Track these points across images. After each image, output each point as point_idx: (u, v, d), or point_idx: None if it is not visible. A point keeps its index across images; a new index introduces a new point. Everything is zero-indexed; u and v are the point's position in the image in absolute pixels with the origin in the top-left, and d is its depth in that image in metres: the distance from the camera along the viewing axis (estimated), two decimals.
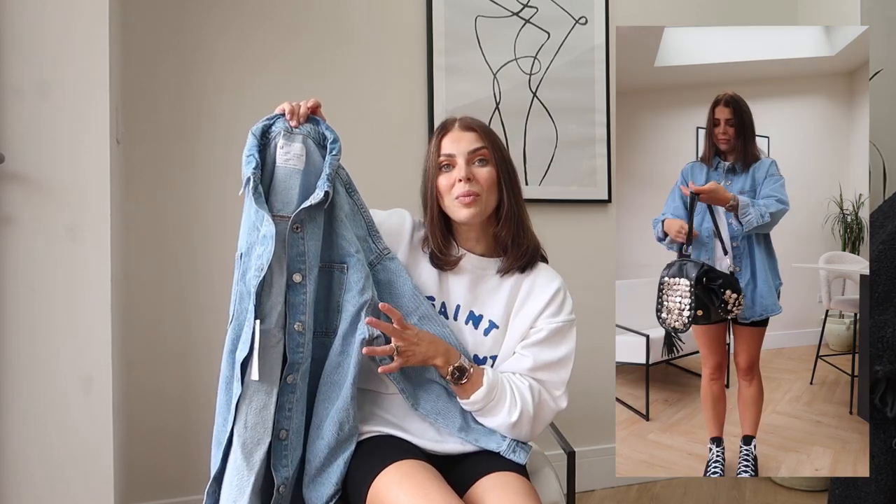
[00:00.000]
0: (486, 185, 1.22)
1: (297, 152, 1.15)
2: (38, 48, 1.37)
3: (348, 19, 2.15)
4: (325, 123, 1.19)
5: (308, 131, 1.17)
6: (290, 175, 1.15)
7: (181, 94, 1.99)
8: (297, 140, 1.15)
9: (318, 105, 1.22)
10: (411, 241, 1.28)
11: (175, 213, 1.98)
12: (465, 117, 1.28)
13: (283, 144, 1.15)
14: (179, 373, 1.99)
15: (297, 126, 1.16)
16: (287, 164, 1.15)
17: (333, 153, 1.16)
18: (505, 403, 1.17)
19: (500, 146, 1.27)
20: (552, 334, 1.22)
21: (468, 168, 1.21)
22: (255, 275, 1.09)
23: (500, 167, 1.24)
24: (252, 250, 1.13)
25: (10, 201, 1.36)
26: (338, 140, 1.17)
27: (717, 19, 2.61)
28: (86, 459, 1.39)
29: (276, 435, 1.09)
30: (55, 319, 1.38)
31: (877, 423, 1.53)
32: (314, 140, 1.17)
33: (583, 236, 2.37)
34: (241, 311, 1.11)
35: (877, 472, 1.52)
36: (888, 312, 1.51)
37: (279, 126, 1.16)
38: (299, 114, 1.17)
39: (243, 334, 1.09)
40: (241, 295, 1.12)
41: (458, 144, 1.23)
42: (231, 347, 1.12)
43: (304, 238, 1.13)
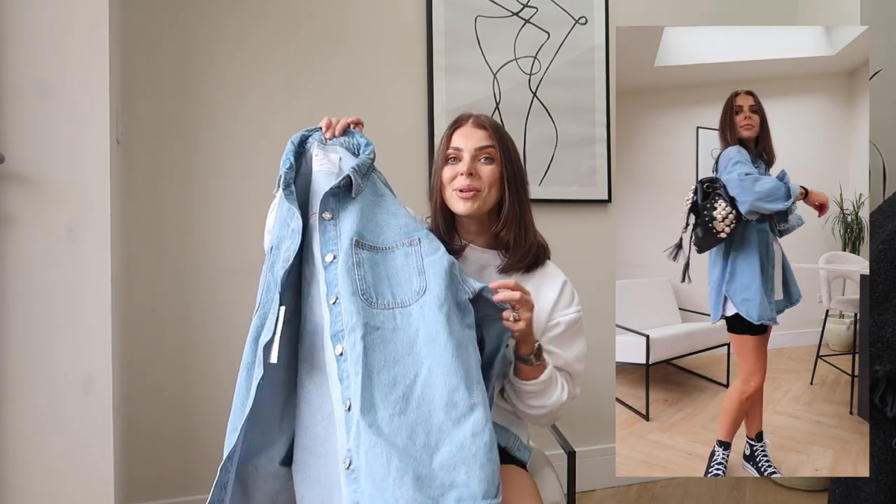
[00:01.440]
0: (487, 182, 1.25)
1: (332, 159, 1.22)
2: (37, 48, 1.37)
3: (348, 19, 2.15)
4: (360, 134, 1.25)
5: (342, 142, 1.24)
6: (325, 177, 1.20)
7: (181, 93, 1.99)
8: (332, 150, 1.23)
9: (358, 122, 1.27)
10: None
11: (175, 213, 1.99)
12: (481, 115, 1.31)
13: (317, 153, 1.22)
14: (179, 373, 1.99)
15: (331, 138, 1.23)
16: (322, 168, 1.21)
17: (367, 153, 1.22)
18: (558, 384, 1.22)
19: (510, 148, 1.29)
20: (568, 327, 1.26)
21: (472, 163, 1.25)
22: (282, 266, 1.13)
23: (506, 167, 1.26)
24: (281, 244, 1.17)
25: (10, 201, 1.36)
26: (371, 145, 1.23)
27: (716, 19, 2.61)
28: (86, 459, 1.39)
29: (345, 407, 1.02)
30: (55, 319, 1.38)
31: (877, 423, 1.53)
32: (348, 149, 1.23)
33: (583, 236, 2.38)
34: (266, 301, 1.15)
35: (877, 472, 1.52)
36: (888, 312, 1.51)
37: (315, 137, 1.24)
38: (335, 127, 1.24)
39: (268, 321, 1.12)
40: (269, 285, 1.16)
41: (467, 140, 1.26)
42: (255, 335, 1.15)
43: (336, 224, 1.16)
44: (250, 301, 1.99)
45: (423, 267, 1.14)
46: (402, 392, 1.01)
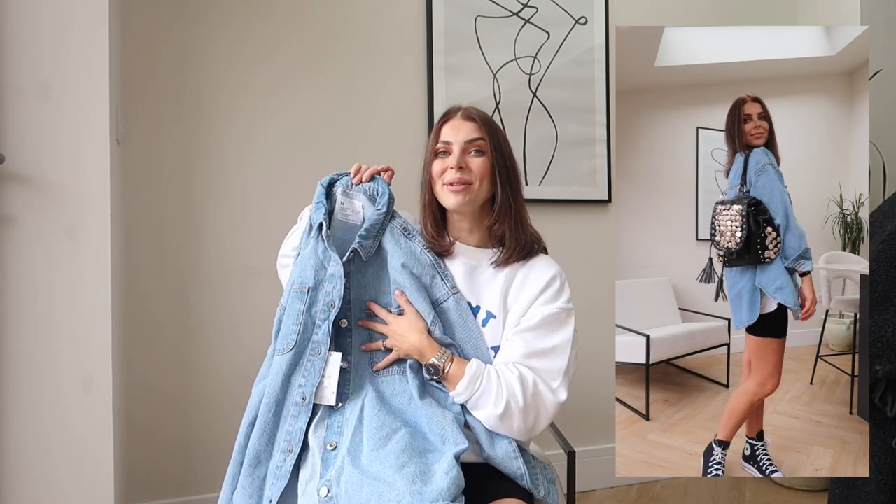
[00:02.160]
0: (478, 175, 1.23)
1: (355, 208, 1.28)
2: (38, 48, 1.37)
3: (348, 20, 2.15)
4: (382, 181, 1.29)
5: (366, 189, 1.28)
6: (349, 230, 1.27)
7: (181, 94, 1.99)
8: (356, 198, 1.28)
9: (388, 170, 1.30)
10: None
11: (175, 213, 1.99)
12: (469, 107, 1.29)
13: (342, 200, 1.27)
14: (179, 373, 1.99)
15: (357, 184, 1.28)
16: (346, 219, 1.27)
17: (378, 207, 1.26)
18: (491, 394, 1.14)
19: (500, 139, 1.27)
20: (546, 321, 1.20)
21: (462, 156, 1.23)
22: (324, 309, 1.20)
23: (497, 160, 1.24)
24: (320, 286, 1.21)
25: (10, 202, 1.36)
26: (386, 194, 1.27)
27: (717, 19, 2.61)
28: (86, 459, 1.39)
29: (325, 447, 1.14)
30: (55, 319, 1.38)
31: (877, 423, 1.53)
32: (370, 197, 1.28)
33: (583, 236, 2.38)
34: (303, 340, 1.20)
35: (877, 472, 1.52)
36: (888, 312, 1.51)
37: (343, 182, 1.29)
38: (362, 173, 1.27)
39: (307, 362, 1.19)
40: (307, 325, 1.20)
41: (456, 133, 1.25)
42: (288, 371, 1.19)
43: (349, 288, 1.23)
44: (250, 301, 2.00)
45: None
46: (386, 434, 1.12)
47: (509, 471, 1.16)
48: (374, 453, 1.08)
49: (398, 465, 1.04)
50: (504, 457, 1.16)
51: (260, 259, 1.97)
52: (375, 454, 1.08)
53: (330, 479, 1.07)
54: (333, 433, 1.15)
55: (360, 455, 1.10)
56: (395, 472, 1.03)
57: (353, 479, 1.04)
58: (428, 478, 1.03)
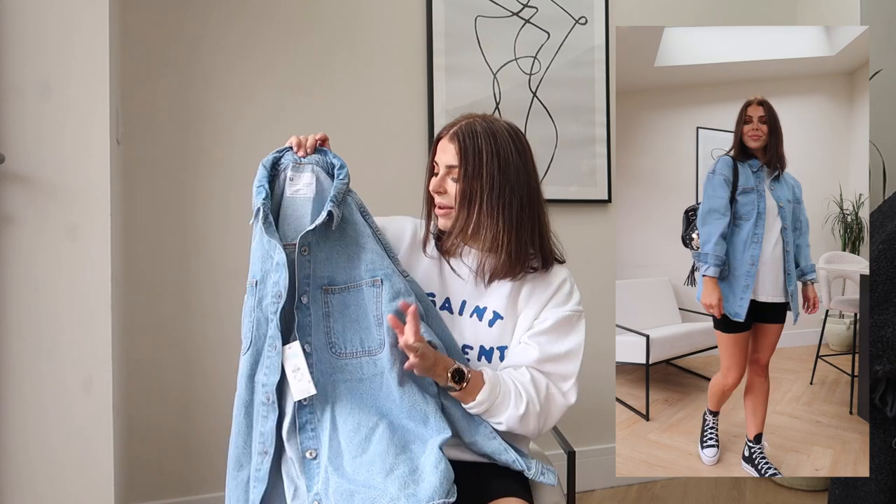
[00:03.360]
0: (456, 200, 1.21)
1: (306, 181, 1.20)
2: (39, 48, 1.37)
3: (348, 20, 2.15)
4: (332, 153, 1.23)
5: (316, 160, 1.21)
6: (302, 204, 1.19)
7: (181, 93, 1.99)
8: (306, 170, 1.20)
9: (326, 138, 1.25)
10: (413, 241, 1.30)
11: (175, 213, 1.99)
12: (460, 127, 1.22)
13: (291, 176, 1.20)
14: (180, 373, 1.99)
15: (304, 156, 1.21)
16: (297, 195, 1.20)
17: (341, 178, 1.20)
18: (510, 398, 1.16)
19: (479, 161, 1.19)
20: (558, 324, 1.21)
21: (441, 181, 1.22)
22: (273, 301, 1.13)
23: (469, 182, 1.19)
24: (267, 278, 1.16)
25: (10, 201, 1.36)
26: (345, 167, 1.21)
27: (716, 19, 2.61)
28: (86, 459, 1.39)
29: (304, 455, 1.12)
30: (56, 319, 1.38)
31: (877, 423, 1.53)
32: (323, 168, 1.21)
33: (583, 236, 2.38)
34: (258, 337, 1.16)
35: (877, 472, 1.52)
36: (888, 312, 1.51)
37: (288, 158, 1.21)
38: (306, 145, 1.21)
39: (265, 359, 1.14)
40: (259, 321, 1.16)
41: (442, 155, 1.23)
42: (249, 372, 1.17)
43: (309, 261, 1.16)
44: None
45: (382, 315, 1.17)
46: (365, 435, 1.10)
47: (490, 450, 1.17)
48: (356, 460, 1.07)
49: (385, 469, 1.04)
50: (484, 440, 1.17)
51: None
52: (359, 461, 1.07)
53: (319, 492, 1.07)
54: (308, 438, 1.12)
55: (341, 463, 1.08)
56: (383, 477, 1.03)
57: (342, 489, 1.03)
58: (418, 476, 1.03)
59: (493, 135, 1.21)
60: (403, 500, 0.98)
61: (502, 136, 1.22)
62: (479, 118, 1.24)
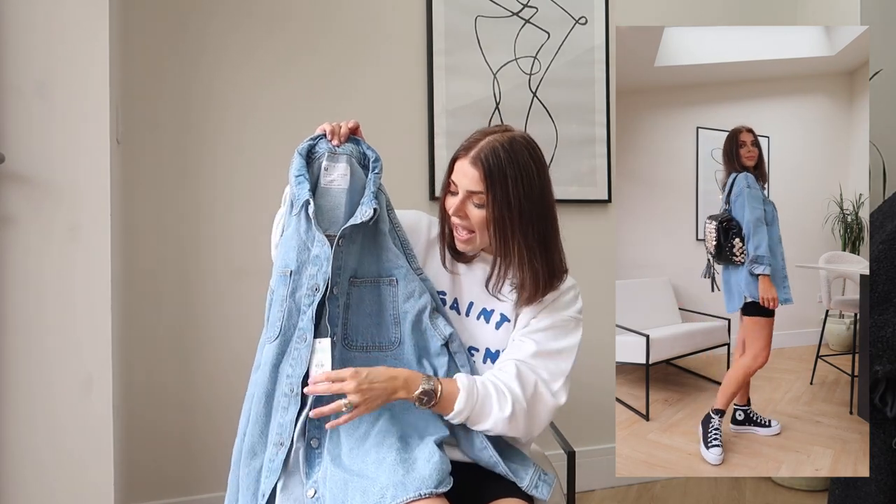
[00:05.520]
0: (477, 226, 1.19)
1: (341, 172, 1.19)
2: (38, 48, 1.37)
3: (348, 20, 2.15)
4: (365, 143, 1.22)
5: (350, 150, 1.20)
6: (336, 195, 1.18)
7: (181, 93, 1.99)
8: (342, 160, 1.19)
9: (358, 126, 1.23)
10: (428, 236, 1.31)
11: (175, 212, 1.99)
12: (482, 150, 1.16)
13: (327, 166, 1.18)
14: (180, 373, 1.99)
15: (338, 145, 1.19)
16: (332, 185, 1.19)
17: (376, 171, 1.19)
18: (492, 401, 1.12)
19: (506, 189, 1.15)
20: (556, 324, 1.21)
21: (462, 205, 1.19)
22: (309, 293, 1.14)
23: (498, 212, 1.16)
24: (303, 269, 1.16)
25: (10, 201, 1.36)
26: (379, 159, 1.21)
27: (717, 19, 2.61)
28: (86, 459, 1.39)
29: (308, 443, 1.12)
30: (55, 319, 1.38)
31: (877, 423, 1.53)
32: (357, 159, 1.21)
33: (583, 236, 2.38)
34: (288, 327, 1.15)
35: (877, 472, 1.52)
36: (888, 312, 1.51)
37: (323, 147, 1.20)
38: (340, 133, 1.20)
39: (293, 350, 1.14)
40: (291, 311, 1.15)
41: (462, 178, 1.18)
42: (275, 361, 1.15)
43: (343, 253, 1.17)
44: (250, 301, 2.00)
45: (399, 315, 1.19)
46: (365, 430, 1.11)
47: (484, 461, 1.17)
48: (353, 451, 1.09)
49: (378, 459, 1.05)
50: (477, 451, 1.17)
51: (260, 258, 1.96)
52: (356, 451, 1.09)
53: (317, 480, 1.09)
54: (315, 427, 1.14)
55: (339, 454, 1.10)
56: (376, 466, 1.04)
57: (337, 478, 1.04)
58: (410, 466, 1.03)
59: (516, 158, 1.16)
60: (392, 490, 0.99)
61: (523, 156, 1.17)
62: (498, 139, 1.17)
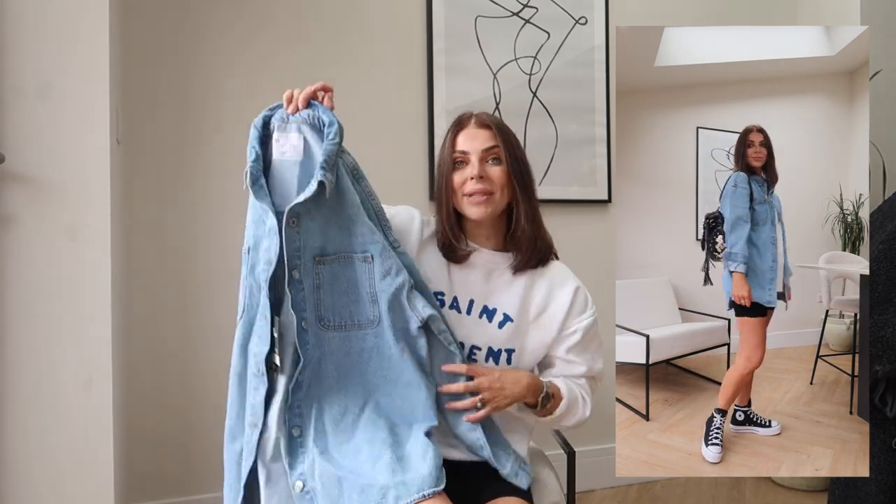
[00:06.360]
0: (498, 184, 1.22)
1: (293, 142, 1.09)
2: (38, 48, 1.37)
3: (348, 20, 2.15)
4: (322, 107, 1.11)
5: (305, 117, 1.09)
6: (288, 168, 1.09)
7: (181, 94, 1.99)
8: (292, 129, 1.09)
9: (327, 89, 1.14)
10: (420, 237, 1.27)
11: (175, 212, 1.99)
12: (482, 113, 1.26)
13: (277, 137, 1.09)
14: (179, 373, 1.99)
15: (293, 113, 1.10)
16: (284, 157, 1.09)
17: (330, 138, 1.08)
18: (578, 404, 1.23)
19: (515, 144, 1.25)
20: (586, 333, 1.25)
21: (481, 166, 1.21)
22: (265, 268, 1.08)
23: (513, 166, 1.23)
24: (260, 244, 1.11)
25: (10, 201, 1.36)
26: (335, 123, 1.09)
27: (716, 19, 2.61)
28: (86, 460, 1.39)
29: (290, 433, 1.08)
30: (55, 320, 1.38)
31: (877, 423, 1.53)
32: (312, 126, 1.10)
33: (583, 236, 2.37)
34: (251, 305, 1.12)
35: (877, 472, 1.52)
36: (888, 312, 1.51)
37: (278, 115, 1.11)
38: (297, 99, 1.11)
39: (257, 328, 1.10)
40: (252, 289, 1.12)
41: (472, 142, 1.22)
42: (243, 342, 1.13)
43: (299, 233, 1.09)
44: None
45: (376, 293, 1.12)
46: (351, 421, 1.09)
47: (469, 442, 1.16)
48: (343, 446, 1.06)
49: (373, 456, 1.04)
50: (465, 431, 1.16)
51: None
52: (346, 447, 1.06)
53: (304, 473, 1.06)
54: (296, 415, 1.09)
55: (327, 446, 1.06)
56: (371, 464, 1.02)
57: (329, 475, 1.02)
58: (406, 464, 1.02)
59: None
60: (394, 490, 0.98)
61: None
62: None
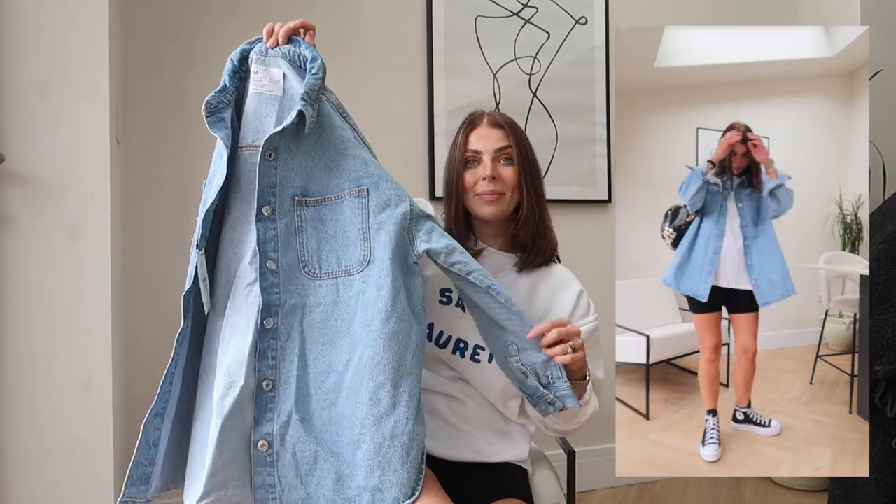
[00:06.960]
0: (510, 185, 1.22)
1: (273, 77, 1.04)
2: (38, 48, 1.37)
3: (348, 20, 2.15)
4: (305, 43, 1.07)
5: (285, 52, 1.05)
6: (267, 102, 1.04)
7: (181, 93, 1.99)
8: (273, 64, 1.05)
9: (305, 26, 1.10)
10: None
11: (175, 212, 1.99)
12: (493, 112, 1.28)
13: (256, 70, 1.05)
14: None
15: (272, 47, 1.06)
16: (262, 91, 1.04)
17: (313, 73, 1.03)
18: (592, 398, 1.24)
19: (526, 144, 1.26)
20: (588, 337, 1.22)
21: (493, 166, 1.21)
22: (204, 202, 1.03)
23: (524, 166, 1.24)
24: (214, 177, 1.04)
25: (10, 201, 1.36)
26: (318, 59, 1.04)
27: (716, 19, 2.61)
28: (86, 459, 1.40)
29: (260, 385, 1.00)
30: (55, 319, 1.38)
31: (877, 423, 1.54)
32: (292, 62, 1.06)
33: (583, 236, 2.38)
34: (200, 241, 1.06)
35: (877, 472, 1.53)
36: (888, 312, 1.51)
37: (258, 48, 1.07)
38: (278, 34, 1.07)
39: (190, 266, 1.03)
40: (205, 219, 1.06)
41: (484, 141, 1.23)
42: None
43: (276, 168, 1.02)
44: None
45: (369, 230, 1.03)
46: (335, 381, 1.00)
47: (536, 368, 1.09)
48: (324, 412, 0.99)
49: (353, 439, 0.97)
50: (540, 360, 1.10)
51: None
52: (327, 415, 0.99)
53: (272, 433, 0.98)
54: (268, 366, 1.00)
55: (308, 409, 0.99)
56: (353, 450, 0.96)
57: (306, 447, 0.96)
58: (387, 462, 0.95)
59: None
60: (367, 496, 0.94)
61: None
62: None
